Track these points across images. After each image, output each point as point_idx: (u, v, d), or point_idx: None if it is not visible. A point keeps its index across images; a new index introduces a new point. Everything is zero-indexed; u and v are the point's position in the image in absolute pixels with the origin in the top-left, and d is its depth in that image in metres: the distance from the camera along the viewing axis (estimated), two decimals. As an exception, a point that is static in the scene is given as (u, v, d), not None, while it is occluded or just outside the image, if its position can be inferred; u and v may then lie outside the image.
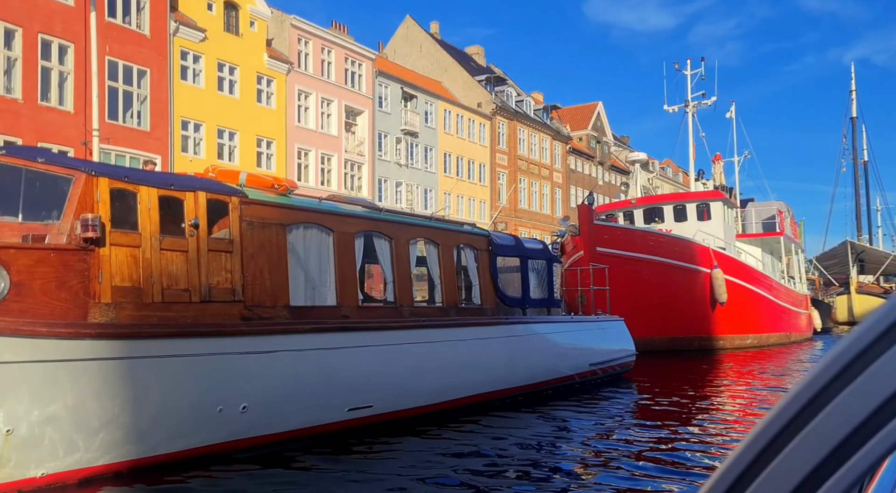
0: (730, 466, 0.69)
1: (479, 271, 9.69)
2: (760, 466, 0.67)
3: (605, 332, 12.76)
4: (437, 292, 8.94)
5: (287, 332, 6.41)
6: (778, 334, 25.53)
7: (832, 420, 0.64)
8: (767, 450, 0.67)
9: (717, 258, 21.40)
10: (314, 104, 39.04)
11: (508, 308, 10.21)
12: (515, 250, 10.69)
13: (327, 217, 7.17)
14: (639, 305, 20.38)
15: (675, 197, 25.13)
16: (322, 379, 6.68)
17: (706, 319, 21.73)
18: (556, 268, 11.81)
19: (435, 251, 8.91)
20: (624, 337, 13.67)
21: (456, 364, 8.40)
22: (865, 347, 0.64)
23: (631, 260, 20.19)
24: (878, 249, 54.36)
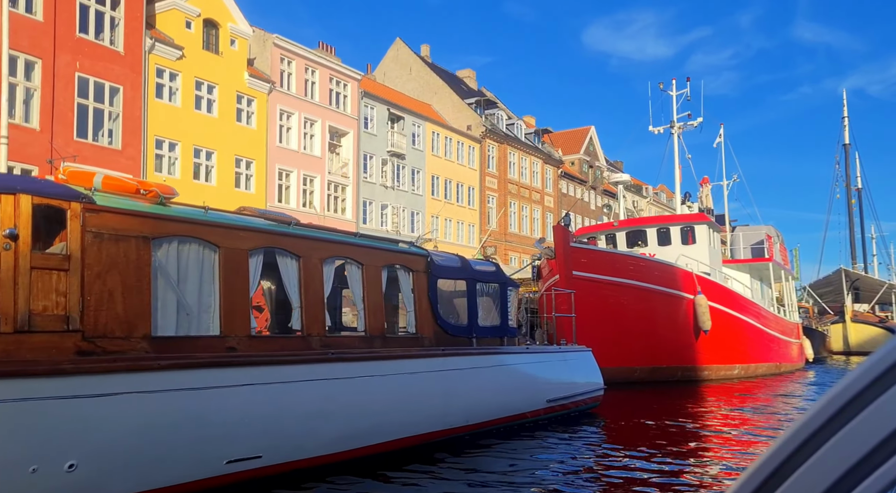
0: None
1: (415, 296, 8.52)
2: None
3: (568, 364, 11.52)
4: (360, 320, 7.78)
5: (137, 369, 5.13)
6: (767, 365, 24.27)
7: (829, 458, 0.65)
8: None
9: (700, 284, 20.25)
10: (297, 124, 38.16)
11: (452, 338, 9.03)
12: (461, 272, 9.53)
13: (211, 230, 6.00)
14: (618, 332, 19.20)
15: (658, 220, 24.06)
16: (190, 426, 5.45)
17: (689, 348, 20.51)
18: (512, 293, 10.65)
19: (358, 272, 7.74)
20: (590, 369, 12.41)
21: (375, 404, 7.19)
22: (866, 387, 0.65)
23: (609, 285, 19.04)
24: (874, 277, 53.20)
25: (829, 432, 0.65)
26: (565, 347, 12.13)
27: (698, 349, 20.68)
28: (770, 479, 0.68)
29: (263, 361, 6.10)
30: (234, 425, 5.80)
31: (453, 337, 9.10)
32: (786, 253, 30.00)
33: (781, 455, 0.68)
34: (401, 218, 46.15)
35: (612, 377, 19.32)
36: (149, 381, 5.17)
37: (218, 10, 33.28)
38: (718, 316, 20.86)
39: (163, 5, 31.26)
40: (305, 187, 38.84)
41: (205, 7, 32.62)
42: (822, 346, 42.56)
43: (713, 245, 23.63)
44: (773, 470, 0.68)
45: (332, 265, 7.45)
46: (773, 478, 0.68)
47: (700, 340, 20.55)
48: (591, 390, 12.09)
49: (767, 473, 0.69)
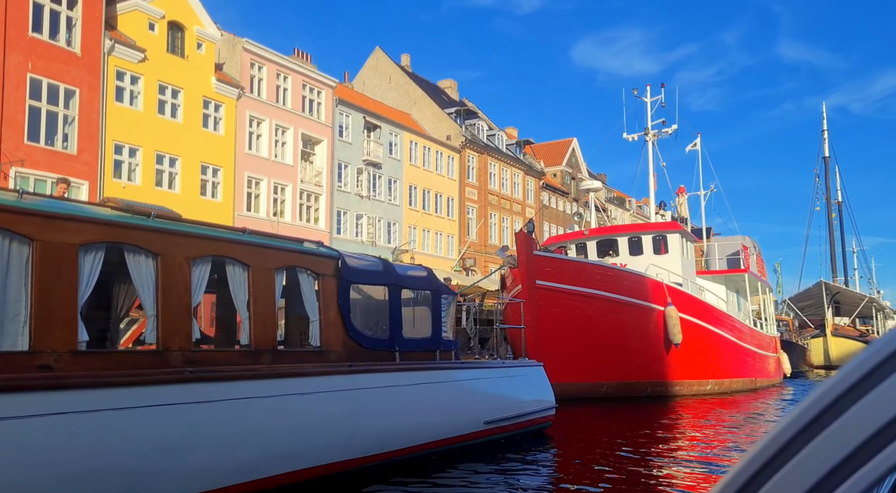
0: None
1: (321, 303, 7.27)
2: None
3: (513, 381, 10.27)
4: (245, 332, 6.54)
5: None
6: (742, 380, 23.13)
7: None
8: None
9: (671, 295, 19.12)
10: (267, 131, 36.94)
11: (368, 352, 7.81)
12: (381, 276, 8.31)
13: (22, 219, 4.78)
14: (584, 345, 18.03)
15: (629, 228, 22.96)
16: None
17: (660, 362, 19.35)
18: (449, 302, 9.44)
19: (242, 275, 6.50)
20: (540, 386, 11.16)
21: (255, 432, 5.94)
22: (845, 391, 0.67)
23: (575, 295, 17.88)
24: (854, 290, 52.41)
25: (809, 435, 0.66)
26: (512, 361, 10.89)
27: (669, 363, 19.52)
28: (751, 481, 0.69)
29: (88, 382, 4.84)
30: (41, 467, 4.51)
31: (370, 351, 7.87)
32: (763, 264, 28.98)
33: (763, 458, 0.69)
34: (376, 228, 44.93)
35: (578, 393, 18.12)
36: None
37: (183, 13, 32.11)
38: (690, 329, 19.73)
39: (125, 6, 30.05)
40: (276, 196, 37.58)
41: (169, 9, 31.44)
42: (802, 360, 41.57)
43: (686, 255, 22.54)
44: (755, 472, 0.68)
45: (206, 266, 6.21)
46: (754, 480, 0.68)
47: (671, 353, 19.39)
48: (540, 410, 10.83)
49: (749, 475, 0.69)
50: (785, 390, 25.76)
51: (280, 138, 37.96)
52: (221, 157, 34.10)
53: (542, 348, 17.52)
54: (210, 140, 33.49)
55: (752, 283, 26.67)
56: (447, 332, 9.44)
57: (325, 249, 7.80)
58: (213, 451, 5.60)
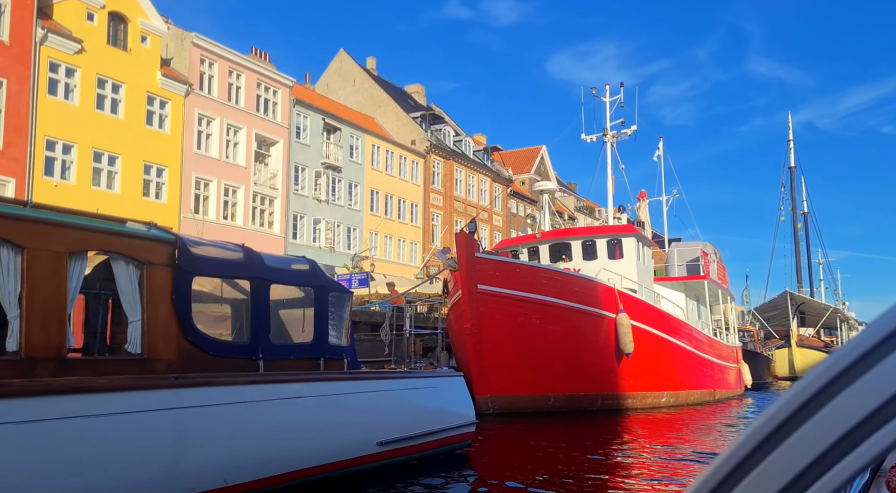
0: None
1: (145, 299, 5.73)
2: None
3: (421, 394, 8.69)
4: (13, 335, 4.95)
5: None
6: (699, 392, 21.82)
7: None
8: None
9: (622, 301, 17.76)
10: (218, 130, 35.19)
11: (217, 360, 6.25)
12: (240, 268, 6.76)
13: None
14: (529, 355, 16.57)
15: (583, 231, 21.63)
16: None
17: (611, 373, 17.96)
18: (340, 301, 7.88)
19: (13, 260, 4.95)
20: (457, 400, 9.57)
21: (25, 465, 4.38)
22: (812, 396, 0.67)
23: (519, 301, 16.44)
24: (819, 301, 51.75)
25: (774, 441, 0.67)
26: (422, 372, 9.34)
27: (621, 375, 18.13)
28: (727, 480, 0.69)
29: None
30: None
31: (219, 359, 6.30)
32: (725, 272, 27.83)
33: (728, 466, 0.69)
34: (335, 234, 43.28)
35: (523, 407, 16.65)
36: None
37: (126, 4, 30.34)
38: (643, 338, 18.38)
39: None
40: (227, 198, 35.80)
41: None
42: (766, 371, 40.59)
43: (643, 260, 21.25)
44: (730, 470, 0.69)
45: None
46: (730, 478, 0.69)
47: (623, 364, 18.01)
48: (454, 427, 9.28)
49: (724, 474, 0.70)
50: (745, 402, 24.52)
51: (232, 138, 36.23)
52: (167, 156, 32.28)
53: (484, 357, 16.06)
54: (154, 138, 31.67)
55: (713, 291, 25.46)
56: (336, 336, 7.91)
57: (158, 231, 6.24)
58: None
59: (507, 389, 16.24)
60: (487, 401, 16.05)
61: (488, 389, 16.01)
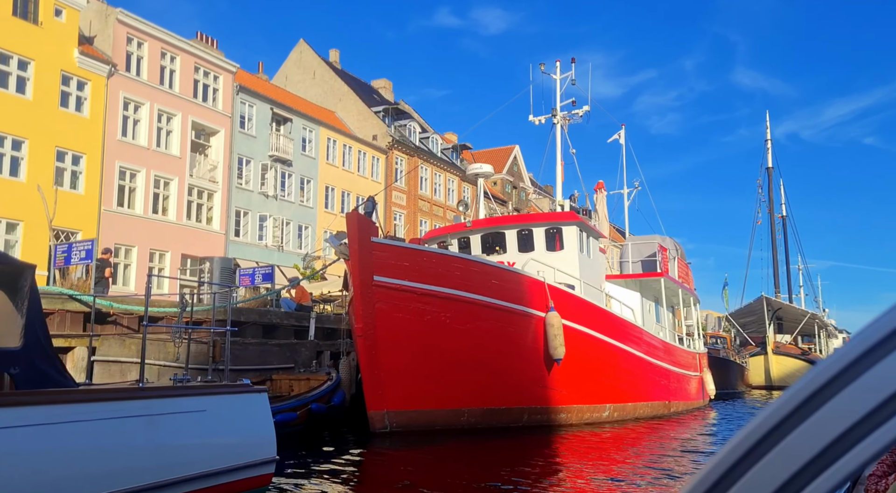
0: None
1: None
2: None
3: (176, 423, 5.81)
4: None
5: None
6: (651, 404, 19.08)
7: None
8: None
9: (553, 298, 15.02)
10: (147, 116, 32.24)
11: None
12: None
13: None
14: (438, 362, 13.80)
15: (518, 219, 18.90)
16: None
17: (539, 382, 15.20)
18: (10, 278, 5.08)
19: None
20: (243, 429, 6.67)
21: None
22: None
23: (426, 296, 13.66)
24: (797, 306, 49.28)
25: (761, 451, 0.68)
26: (187, 387, 6.43)
27: (551, 385, 15.37)
28: (721, 481, 0.69)
29: None
30: None
31: None
32: (688, 272, 25.13)
33: (733, 458, 0.69)
34: (284, 231, 40.37)
35: (429, 423, 13.85)
36: None
37: (36, -28, 27.44)
38: (580, 341, 15.65)
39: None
40: (158, 191, 32.81)
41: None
42: (739, 379, 38.00)
43: (587, 253, 18.53)
44: (724, 472, 0.69)
45: None
46: (724, 480, 0.69)
47: (554, 372, 15.25)
48: (234, 470, 6.40)
49: (717, 477, 0.70)
50: (706, 415, 21.80)
51: (164, 126, 33.28)
52: (85, 142, 29.32)
53: (380, 364, 13.27)
54: (70, 122, 28.71)
55: (672, 290, 22.79)
56: (36, 342, 5.10)
57: None
58: None
59: (408, 402, 13.46)
60: (384, 417, 13.25)
61: (385, 402, 13.22)
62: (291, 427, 12.21)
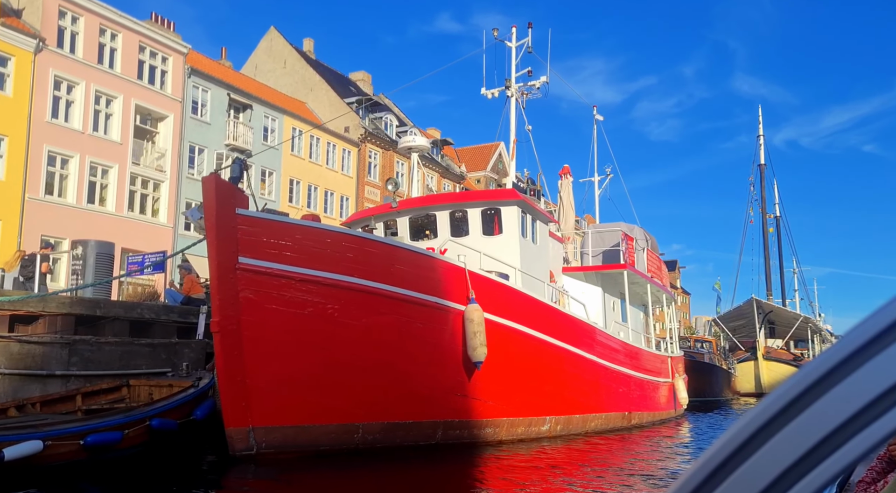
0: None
1: None
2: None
3: None
4: None
5: None
6: (606, 415, 16.22)
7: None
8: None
9: (475, 287, 12.22)
10: (82, 98, 29.55)
11: None
12: None
13: None
14: (324, 365, 11.02)
15: (451, 198, 16.11)
16: None
17: (457, 391, 12.38)
18: None
19: None
20: None
21: None
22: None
23: (308, 283, 10.88)
24: (788, 309, 46.34)
25: (766, 435, 0.67)
26: None
27: (474, 393, 12.55)
28: (708, 480, 0.69)
29: None
30: None
31: None
32: (661, 267, 22.25)
33: (721, 456, 0.69)
34: (242, 225, 37.60)
35: (313, 443, 11.02)
36: None
37: (-53, -66, 24.83)
38: (511, 340, 12.86)
39: None
40: (95, 179, 30.09)
41: (-79, -75, 24.10)
42: (726, 386, 35.14)
43: (532, 238, 15.74)
44: (712, 471, 0.69)
45: None
46: (712, 478, 0.69)
47: (476, 378, 12.44)
48: None
49: (706, 474, 0.69)
50: (677, 428, 18.90)
51: (103, 108, 30.58)
52: (7, 122, 26.64)
53: (246, 367, 10.48)
54: (-12, 100, 26.06)
55: (639, 285, 19.96)
56: None
57: None
58: None
59: (283, 415, 10.68)
60: (248, 436, 10.45)
61: (251, 416, 10.43)
62: (116, 453, 9.41)
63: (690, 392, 27.42)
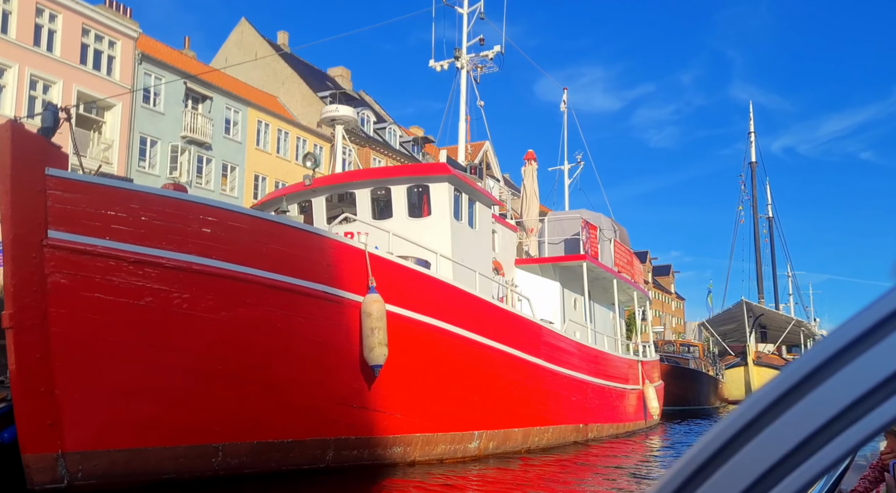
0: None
1: None
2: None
3: None
4: None
5: None
6: (555, 428, 13.68)
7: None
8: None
9: (377, 274, 9.76)
10: (15, 82, 27.17)
11: None
12: None
13: None
14: (167, 370, 8.55)
15: (372, 174, 13.58)
16: None
17: (352, 401, 9.89)
18: None
19: None
20: None
21: None
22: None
23: (145, 266, 8.41)
24: (780, 312, 43.82)
25: (751, 433, 0.66)
26: None
27: (375, 404, 10.06)
28: (690, 481, 0.68)
29: None
30: None
31: None
32: (632, 261, 19.70)
33: (704, 455, 0.68)
34: (200, 222, 35.17)
35: (155, 470, 8.53)
36: None
37: None
38: (426, 339, 10.39)
39: None
40: (31, 168, 27.62)
41: None
42: (712, 393, 32.61)
43: (469, 220, 13.29)
44: (694, 470, 0.68)
45: None
46: (694, 478, 0.68)
47: (378, 385, 9.96)
48: None
49: (687, 475, 0.68)
50: (643, 443, 16.26)
51: (39, 94, 28.19)
52: (-75, 105, 24.28)
53: (55, 375, 8.00)
54: None
55: (603, 280, 17.49)
56: None
57: None
58: None
59: (110, 437, 8.19)
60: (56, 464, 7.94)
61: (61, 438, 7.93)
62: None
63: (672, 400, 24.90)
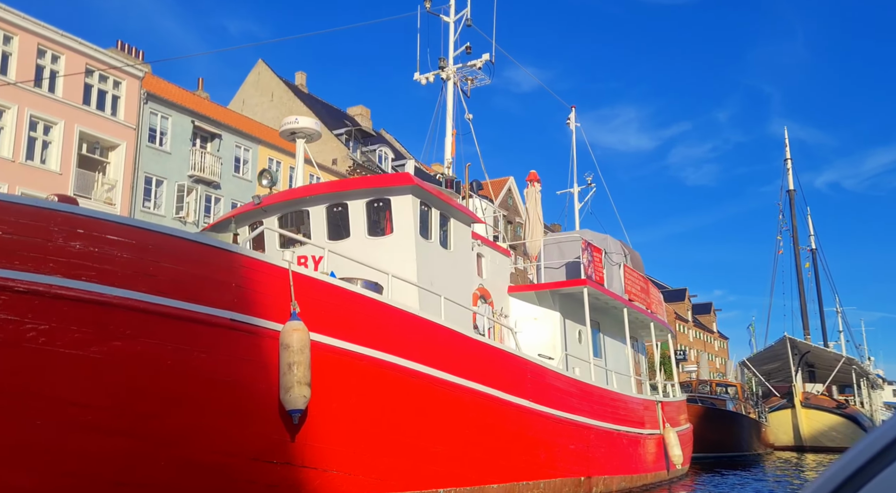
0: None
1: None
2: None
3: None
4: None
5: None
6: (546, 483, 11.33)
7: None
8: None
9: (301, 296, 7.88)
10: (13, 123, 26.61)
11: None
12: None
13: None
14: (15, 423, 6.74)
15: (327, 188, 11.75)
16: None
17: (276, 457, 7.90)
18: None
19: None
20: None
21: None
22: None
23: None
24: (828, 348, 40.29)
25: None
26: None
27: (304, 459, 8.04)
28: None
29: None
30: None
31: None
32: (648, 288, 17.32)
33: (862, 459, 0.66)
34: (208, 263, 33.96)
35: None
36: None
37: None
38: (373, 377, 8.39)
39: None
40: (29, 209, 26.79)
41: None
42: (755, 438, 29.41)
43: (443, 240, 11.36)
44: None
45: None
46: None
47: (309, 435, 7.97)
48: None
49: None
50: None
51: (40, 135, 27.61)
52: (-82, 146, 23.68)
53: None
54: None
55: (613, 309, 15.26)
56: None
57: None
58: None
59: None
60: None
61: None
62: None
63: (706, 446, 22.13)
